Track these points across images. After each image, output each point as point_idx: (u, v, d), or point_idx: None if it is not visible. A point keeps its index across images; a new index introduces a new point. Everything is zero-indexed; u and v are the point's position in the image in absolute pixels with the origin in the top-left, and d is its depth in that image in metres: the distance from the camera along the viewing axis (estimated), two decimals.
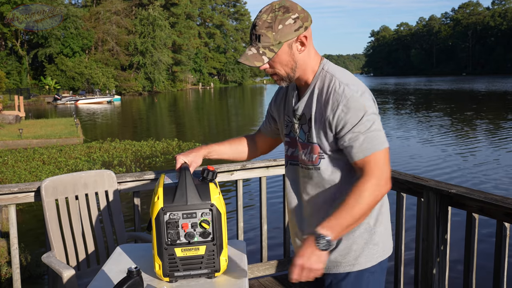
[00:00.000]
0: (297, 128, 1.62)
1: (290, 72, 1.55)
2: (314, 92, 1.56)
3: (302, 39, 1.50)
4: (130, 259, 1.82)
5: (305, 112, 1.58)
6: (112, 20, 65.12)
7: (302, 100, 1.60)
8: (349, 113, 1.46)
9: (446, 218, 2.43)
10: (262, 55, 1.49)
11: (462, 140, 15.84)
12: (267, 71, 1.56)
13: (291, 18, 1.47)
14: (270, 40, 1.47)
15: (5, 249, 5.04)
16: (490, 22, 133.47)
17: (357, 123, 1.46)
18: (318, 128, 1.54)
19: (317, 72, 1.57)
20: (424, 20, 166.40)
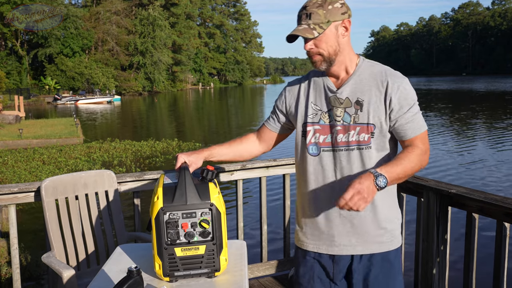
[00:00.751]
0: (340, 112, 1.68)
1: (332, 54, 1.65)
2: (361, 77, 1.68)
3: (346, 23, 1.65)
4: (130, 259, 1.82)
5: (351, 95, 1.67)
6: (112, 20, 65.14)
7: (346, 85, 1.69)
8: (408, 94, 1.65)
9: (446, 218, 2.43)
10: (312, 30, 1.60)
11: (462, 140, 15.84)
12: (312, 51, 1.65)
13: (339, 2, 1.63)
14: (321, 17, 1.60)
15: (5, 249, 5.04)
16: (490, 22, 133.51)
17: (413, 104, 1.66)
18: (373, 109, 1.65)
19: (360, 62, 1.72)
20: (424, 20, 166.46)
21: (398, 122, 1.65)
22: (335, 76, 1.72)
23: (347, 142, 1.67)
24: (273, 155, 3.02)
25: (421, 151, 1.65)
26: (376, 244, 1.71)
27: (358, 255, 1.72)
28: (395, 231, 1.74)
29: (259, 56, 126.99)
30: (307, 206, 1.78)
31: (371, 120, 1.64)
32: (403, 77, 1.68)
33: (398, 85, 1.64)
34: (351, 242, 1.71)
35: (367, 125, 1.64)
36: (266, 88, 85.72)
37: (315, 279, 1.78)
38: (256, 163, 3.23)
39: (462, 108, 29.29)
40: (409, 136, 1.66)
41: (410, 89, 1.66)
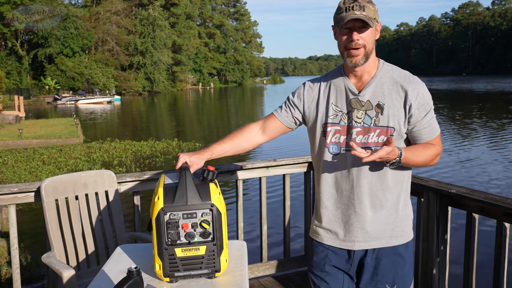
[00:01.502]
0: (361, 114, 1.74)
1: (370, 51, 1.72)
2: (382, 81, 1.75)
3: (378, 27, 1.74)
4: (130, 259, 1.82)
5: (372, 98, 1.74)
6: (112, 20, 65.11)
7: (368, 87, 1.75)
8: (426, 101, 1.74)
9: (446, 218, 2.43)
10: (369, 20, 1.66)
11: (461, 139, 15.84)
12: (358, 42, 1.68)
13: (375, 6, 1.71)
14: (371, 12, 1.67)
15: (5, 249, 5.04)
16: (490, 22, 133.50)
17: (430, 110, 1.75)
18: (393, 113, 1.71)
19: (380, 66, 1.78)
20: (424, 20, 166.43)
21: (416, 127, 1.74)
22: (357, 78, 1.78)
23: (366, 143, 1.73)
24: (273, 155, 3.02)
25: (437, 150, 1.77)
26: (387, 238, 1.78)
27: (371, 250, 1.79)
28: (406, 227, 1.82)
29: (259, 56, 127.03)
30: (326, 202, 1.84)
31: (391, 124, 1.72)
32: (422, 83, 1.75)
33: (417, 92, 1.72)
34: (364, 237, 1.78)
35: (387, 128, 1.72)
36: (266, 88, 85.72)
37: (327, 269, 1.85)
38: (256, 163, 3.23)
39: (462, 107, 29.28)
40: (423, 140, 1.76)
41: (428, 95, 1.74)
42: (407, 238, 1.82)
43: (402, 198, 1.80)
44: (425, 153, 1.73)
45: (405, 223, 1.81)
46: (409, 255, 1.84)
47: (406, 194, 1.83)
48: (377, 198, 1.76)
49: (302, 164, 3.33)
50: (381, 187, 1.75)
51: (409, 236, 1.84)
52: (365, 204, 1.76)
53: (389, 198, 1.77)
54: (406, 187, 1.82)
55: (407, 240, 1.82)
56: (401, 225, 1.80)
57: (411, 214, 1.86)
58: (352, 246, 1.80)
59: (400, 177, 1.78)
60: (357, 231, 1.78)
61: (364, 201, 1.76)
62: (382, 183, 1.75)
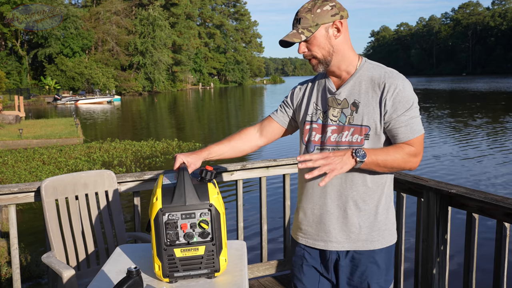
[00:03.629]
0: (337, 112, 1.71)
1: (327, 56, 1.68)
2: (361, 79, 1.70)
3: (338, 24, 1.67)
4: (130, 259, 1.82)
5: (348, 97, 1.70)
6: (112, 20, 65.12)
7: (345, 86, 1.72)
8: (405, 97, 1.64)
9: (446, 218, 2.42)
10: (300, 34, 1.64)
11: (461, 139, 15.84)
12: (306, 55, 1.70)
13: (329, 5, 1.66)
14: (309, 21, 1.64)
15: (5, 249, 5.04)
16: (490, 22, 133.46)
17: (410, 108, 1.65)
18: (368, 111, 1.66)
19: (361, 64, 1.73)
20: (424, 20, 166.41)
21: (391, 124, 1.66)
22: (337, 77, 1.75)
23: (338, 142, 1.70)
24: (273, 155, 3.01)
25: (411, 151, 1.64)
26: (362, 242, 1.73)
27: (345, 252, 1.75)
28: (385, 232, 1.75)
29: (259, 56, 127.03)
30: (302, 201, 1.83)
31: (365, 122, 1.66)
32: (403, 80, 1.67)
33: (394, 87, 1.64)
34: (337, 238, 1.74)
35: (360, 127, 1.67)
36: (266, 88, 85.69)
37: (305, 269, 1.83)
38: (256, 163, 3.23)
39: (461, 107, 29.29)
40: (400, 140, 1.66)
41: (407, 92, 1.65)
42: (384, 244, 1.75)
43: (382, 202, 1.74)
44: (395, 155, 1.62)
45: (384, 228, 1.75)
46: (387, 262, 1.77)
47: (388, 198, 1.77)
48: (352, 200, 1.71)
49: None
50: (357, 188, 1.70)
51: (388, 242, 1.76)
52: (338, 204, 1.72)
53: (367, 201, 1.71)
54: (387, 191, 1.76)
55: (384, 245, 1.75)
56: (379, 230, 1.74)
57: (393, 219, 1.80)
58: (324, 246, 1.77)
59: (381, 180, 1.72)
60: (329, 231, 1.75)
61: (336, 201, 1.72)
62: (357, 185, 1.70)
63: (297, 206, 1.89)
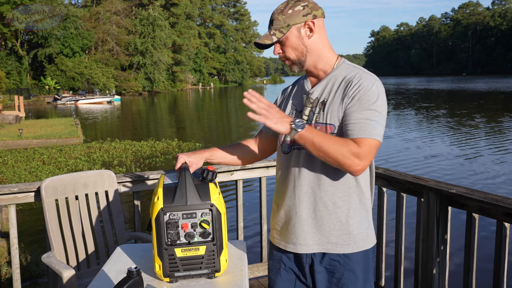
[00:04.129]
0: (308, 112, 1.70)
1: (301, 57, 1.67)
2: (335, 79, 1.67)
3: (310, 24, 1.65)
4: (130, 259, 1.82)
5: (320, 96, 1.68)
6: (112, 20, 65.12)
7: (319, 85, 1.70)
8: (367, 97, 1.58)
9: (446, 218, 2.43)
10: (272, 35, 1.64)
11: (461, 139, 15.84)
12: (280, 56, 1.70)
13: (301, 5, 1.65)
14: (280, 22, 1.64)
15: (5, 249, 5.04)
16: (490, 22, 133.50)
17: (368, 109, 1.57)
18: (333, 109, 1.63)
19: (338, 64, 1.70)
20: (424, 20, 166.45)
21: (344, 118, 1.60)
22: (315, 76, 1.74)
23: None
24: (273, 155, 3.01)
25: (354, 150, 1.52)
26: (332, 245, 1.68)
27: (319, 255, 1.70)
28: (356, 236, 1.69)
29: (259, 56, 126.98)
30: (276, 202, 1.82)
31: (330, 120, 1.63)
32: (373, 80, 1.61)
33: (359, 85, 1.59)
34: (306, 241, 1.70)
35: (325, 125, 1.64)
36: (266, 88, 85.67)
37: (281, 273, 1.80)
38: (256, 163, 3.23)
39: (457, 106, 29.30)
40: (347, 136, 1.58)
41: (372, 93, 1.58)
42: (355, 248, 1.68)
43: (354, 205, 1.68)
44: (335, 145, 1.52)
45: (355, 232, 1.68)
46: (365, 271, 1.71)
47: (360, 201, 1.69)
48: (321, 201, 1.66)
49: None
50: (326, 189, 1.66)
51: (359, 247, 1.69)
52: (307, 206, 1.68)
53: (337, 202, 1.66)
54: (359, 193, 1.69)
55: (355, 250, 1.68)
56: (350, 233, 1.67)
57: (367, 223, 1.72)
58: (294, 248, 1.73)
59: (352, 182, 1.67)
60: (298, 233, 1.70)
61: (304, 202, 1.68)
62: (327, 185, 1.66)
63: (272, 208, 1.87)
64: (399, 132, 17.98)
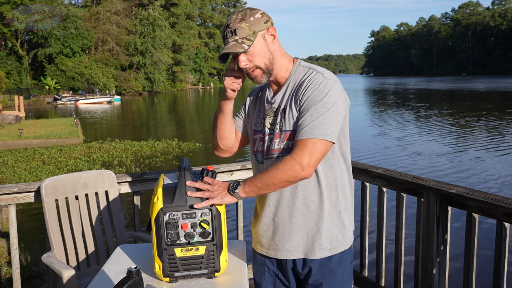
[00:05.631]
0: (273, 121, 1.69)
1: (269, 64, 1.65)
2: (291, 84, 1.67)
3: (272, 31, 1.65)
4: (130, 259, 1.82)
5: (281, 103, 1.67)
6: (112, 20, 65.13)
7: (279, 93, 1.69)
8: (318, 95, 1.55)
9: (446, 218, 2.43)
10: (242, 43, 1.59)
11: (461, 139, 15.84)
12: (248, 67, 1.63)
13: (258, 13, 1.64)
14: (246, 30, 1.59)
15: (5, 249, 5.04)
16: (490, 22, 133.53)
17: (315, 105, 1.55)
18: (292, 115, 1.62)
19: (294, 69, 1.69)
20: (424, 20, 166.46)
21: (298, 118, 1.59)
22: (276, 84, 1.72)
23: (273, 150, 1.67)
24: None
25: (289, 159, 1.52)
26: (310, 250, 1.68)
27: (300, 260, 1.71)
28: (332, 238, 1.68)
29: None
30: (257, 208, 1.82)
31: (292, 127, 1.61)
32: (322, 79, 1.58)
33: (307, 85, 1.58)
34: (285, 247, 1.71)
35: (289, 132, 1.62)
36: None
37: (266, 276, 1.80)
38: None
39: (454, 106, 29.32)
40: (296, 138, 1.56)
41: (320, 91, 1.56)
42: (333, 251, 1.68)
43: (326, 208, 1.66)
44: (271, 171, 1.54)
45: (329, 234, 1.67)
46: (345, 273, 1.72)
47: (334, 203, 1.68)
48: (295, 206, 1.66)
49: None
50: (299, 195, 1.65)
51: (336, 249, 1.69)
52: (281, 212, 1.68)
53: (310, 206, 1.66)
54: (330, 195, 1.67)
55: (333, 253, 1.68)
56: (325, 237, 1.67)
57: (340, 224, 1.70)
58: (275, 254, 1.74)
59: (324, 185, 1.65)
60: (278, 239, 1.71)
61: (280, 209, 1.69)
62: (299, 191, 1.65)
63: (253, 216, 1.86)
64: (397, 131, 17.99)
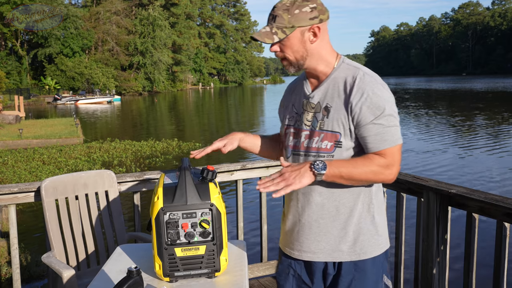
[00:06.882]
0: (311, 117, 1.63)
1: (300, 60, 1.58)
2: (335, 81, 1.60)
3: (315, 29, 1.55)
4: (130, 259, 1.82)
5: (322, 100, 1.61)
6: (112, 20, 65.12)
7: (319, 89, 1.62)
8: (376, 103, 1.52)
9: (446, 218, 2.43)
10: (273, 34, 1.53)
11: (461, 139, 15.84)
12: (277, 55, 1.60)
13: (309, 6, 1.53)
14: (285, 22, 1.52)
15: (5, 249, 5.04)
16: (490, 22, 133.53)
17: (381, 115, 1.52)
18: (338, 116, 1.56)
19: (337, 64, 1.62)
20: (424, 20, 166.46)
21: (360, 132, 1.54)
22: (314, 78, 1.66)
23: (308, 148, 1.63)
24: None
25: (382, 162, 1.52)
26: (339, 253, 1.64)
27: (328, 263, 1.66)
28: (364, 242, 1.64)
29: (259, 56, 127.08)
30: (285, 207, 1.79)
31: (336, 128, 1.57)
32: (375, 84, 1.54)
33: (362, 92, 1.52)
34: (310, 248, 1.67)
35: (331, 133, 1.58)
36: (266, 88, 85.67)
37: (289, 278, 1.76)
38: (256, 163, 3.23)
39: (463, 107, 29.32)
40: (369, 150, 1.54)
41: (378, 98, 1.52)
42: (362, 256, 1.63)
43: (358, 210, 1.62)
44: (362, 168, 1.50)
45: (361, 238, 1.63)
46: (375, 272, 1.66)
47: (368, 205, 1.64)
48: (324, 208, 1.62)
49: None
50: (329, 196, 1.61)
51: (367, 254, 1.64)
52: (309, 213, 1.64)
53: (340, 209, 1.62)
54: (366, 198, 1.64)
55: (362, 258, 1.63)
56: (354, 240, 1.62)
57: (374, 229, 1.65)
58: (300, 255, 1.69)
59: (359, 189, 1.61)
60: (303, 240, 1.67)
61: (307, 210, 1.64)
62: (329, 192, 1.61)
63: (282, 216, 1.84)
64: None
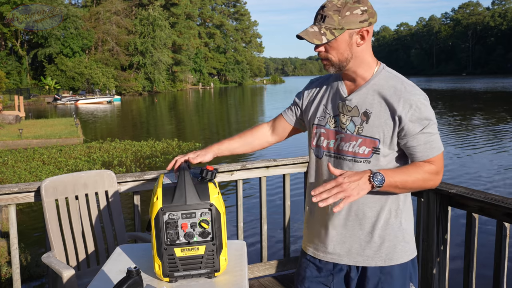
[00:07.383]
0: (346, 120, 1.62)
1: (343, 61, 1.57)
2: (376, 88, 1.59)
3: (364, 32, 1.54)
4: (130, 259, 1.82)
5: (360, 105, 1.59)
6: (112, 20, 65.10)
7: (357, 93, 1.61)
8: (422, 114, 1.54)
9: (446, 218, 2.43)
10: (322, 35, 1.51)
11: (461, 139, 15.84)
12: (321, 55, 1.59)
13: (360, 9, 1.51)
14: (335, 23, 1.50)
15: (5, 249, 5.04)
16: (490, 22, 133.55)
17: (428, 125, 1.54)
18: (380, 123, 1.56)
19: (377, 70, 1.62)
20: (424, 20, 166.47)
21: (409, 142, 1.55)
22: (351, 81, 1.64)
23: (343, 151, 1.62)
24: (273, 155, 3.01)
25: (432, 169, 1.56)
26: (365, 257, 1.63)
27: (351, 267, 1.66)
28: (390, 248, 1.62)
29: (259, 56, 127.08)
30: (308, 207, 1.78)
31: (376, 135, 1.56)
32: (420, 95, 1.56)
33: (410, 103, 1.53)
34: (335, 250, 1.67)
35: (370, 139, 1.57)
36: (266, 88, 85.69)
37: (308, 280, 1.75)
38: (256, 163, 3.23)
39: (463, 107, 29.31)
40: (418, 158, 1.57)
41: (425, 108, 1.54)
42: (388, 262, 1.62)
43: (385, 215, 1.61)
44: (415, 175, 1.53)
45: (387, 244, 1.62)
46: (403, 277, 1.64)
47: (395, 211, 1.63)
48: (351, 211, 1.62)
49: (302, 164, 3.33)
50: (359, 200, 1.59)
51: (393, 260, 1.62)
52: (337, 215, 1.63)
53: (367, 213, 1.61)
54: (392, 203, 1.62)
55: (389, 263, 1.62)
56: (380, 245, 1.62)
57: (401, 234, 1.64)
58: (324, 257, 1.69)
59: (387, 194, 1.60)
60: (328, 243, 1.67)
61: (337, 214, 1.63)
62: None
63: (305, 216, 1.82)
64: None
